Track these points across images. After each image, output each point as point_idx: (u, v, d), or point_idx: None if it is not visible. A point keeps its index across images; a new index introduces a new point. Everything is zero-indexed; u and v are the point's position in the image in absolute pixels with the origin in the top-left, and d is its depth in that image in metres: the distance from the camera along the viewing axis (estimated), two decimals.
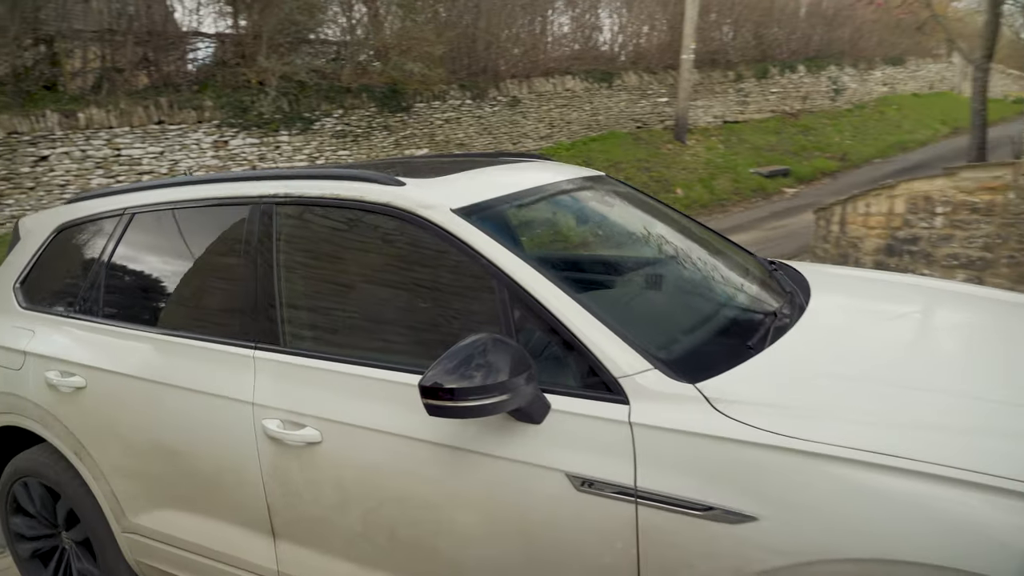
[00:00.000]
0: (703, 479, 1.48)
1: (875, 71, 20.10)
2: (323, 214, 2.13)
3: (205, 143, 9.65)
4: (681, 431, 1.52)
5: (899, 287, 2.51)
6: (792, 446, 1.42)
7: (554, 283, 1.74)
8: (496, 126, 12.56)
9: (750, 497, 1.43)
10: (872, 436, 1.41)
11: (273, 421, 1.99)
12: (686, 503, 1.49)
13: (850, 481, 1.37)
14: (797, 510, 1.40)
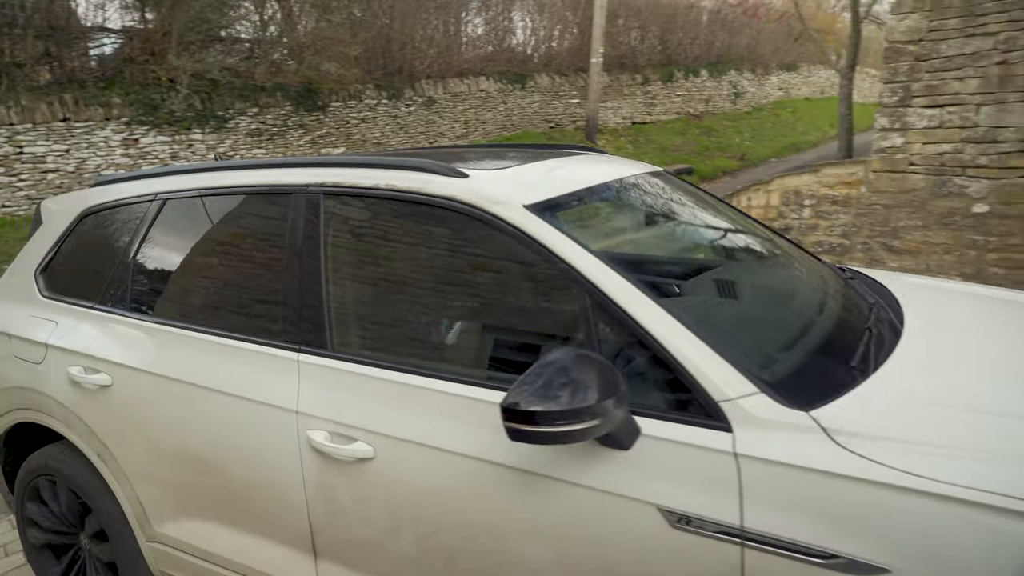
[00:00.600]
0: (825, 522, 1.30)
1: (771, 76, 21.37)
2: (378, 206, 1.94)
3: (114, 141, 9.49)
4: (798, 466, 1.33)
5: (978, 298, 2.27)
6: (931, 489, 1.25)
7: (642, 291, 1.55)
8: (412, 125, 12.80)
9: (882, 545, 1.26)
10: (1013, 477, 1.25)
11: (319, 433, 1.80)
12: (804, 549, 1.31)
13: (994, 528, 1.21)
14: (939, 563, 1.23)
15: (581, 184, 1.95)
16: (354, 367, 1.81)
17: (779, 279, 2.11)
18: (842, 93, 7.65)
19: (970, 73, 5.04)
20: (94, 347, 2.27)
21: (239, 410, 1.95)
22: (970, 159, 5.13)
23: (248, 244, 2.16)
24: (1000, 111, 4.94)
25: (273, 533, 1.98)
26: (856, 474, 1.29)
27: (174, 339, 2.14)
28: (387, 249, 1.97)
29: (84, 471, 2.35)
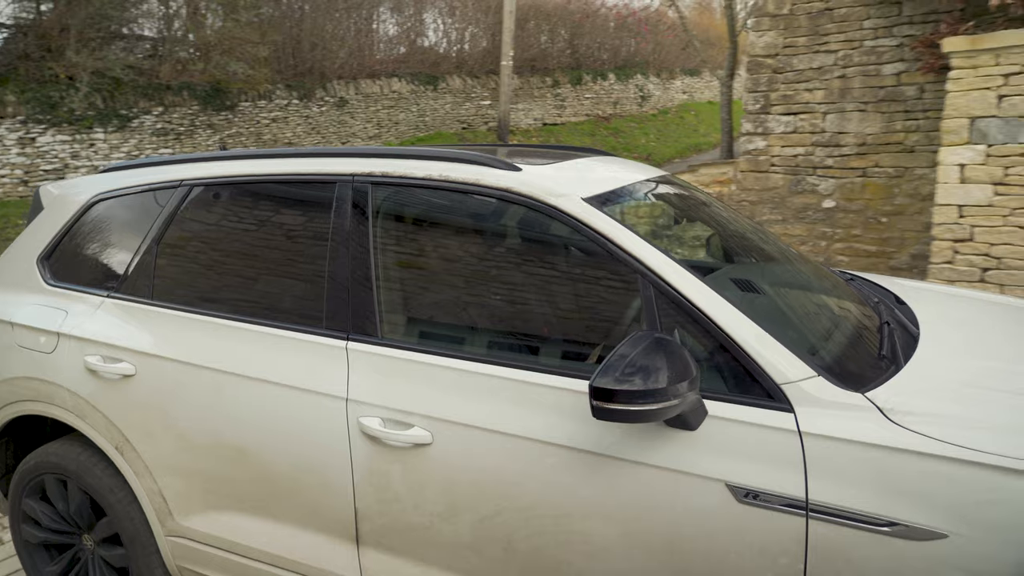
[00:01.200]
0: (884, 493, 1.40)
1: (676, 80, 22.34)
2: (430, 197, 1.96)
3: (9, 140, 9.22)
4: (858, 442, 1.43)
5: (970, 300, 2.43)
6: (982, 460, 1.36)
7: (704, 282, 1.64)
8: (324, 126, 12.87)
9: (939, 513, 1.36)
10: None
11: (373, 419, 1.82)
12: (866, 517, 1.40)
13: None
14: (992, 528, 1.33)
15: (620, 182, 2.02)
16: (407, 354, 1.84)
17: (798, 278, 2.19)
18: (723, 100, 8.35)
19: (817, 85, 5.72)
20: (114, 336, 2.21)
21: (281, 398, 1.94)
22: (819, 160, 5.82)
23: (287, 233, 2.12)
24: (841, 118, 5.64)
25: (311, 522, 1.96)
26: (912, 447, 1.40)
27: (207, 327, 2.10)
28: (440, 238, 1.99)
29: (95, 465, 2.28)
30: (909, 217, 5.50)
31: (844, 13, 5.50)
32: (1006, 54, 4.01)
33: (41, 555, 2.51)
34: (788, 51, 5.79)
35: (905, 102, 5.44)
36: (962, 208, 4.34)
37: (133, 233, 2.33)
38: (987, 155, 4.19)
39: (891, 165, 5.58)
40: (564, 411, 1.65)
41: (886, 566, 1.39)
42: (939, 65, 4.64)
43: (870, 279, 2.52)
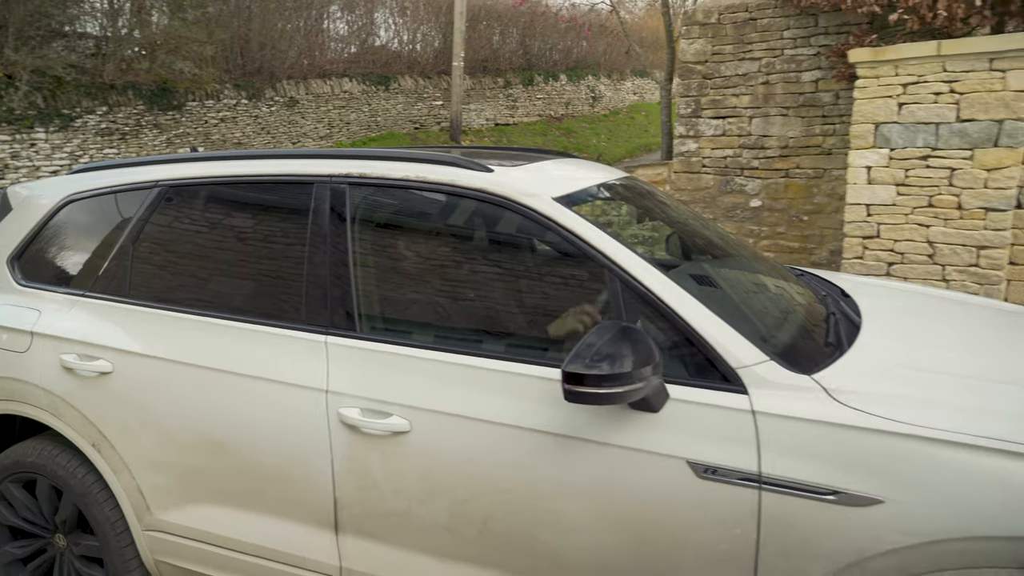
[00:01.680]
0: (828, 465, 1.52)
1: (626, 82, 22.73)
2: (406, 197, 2.05)
3: None
4: (806, 419, 1.56)
5: (907, 292, 2.61)
6: (915, 433, 1.49)
7: (666, 275, 1.76)
8: (274, 126, 12.83)
9: (877, 481, 1.49)
10: (981, 423, 1.50)
11: (352, 410, 1.91)
12: (813, 488, 1.53)
13: (970, 465, 1.44)
14: (923, 493, 1.46)
15: (586, 182, 2.14)
16: (385, 347, 1.92)
17: (749, 272, 2.31)
18: (662, 103, 8.65)
19: (743, 90, 6.04)
20: (91, 334, 2.25)
21: (262, 392, 2.01)
22: (746, 162, 6.14)
23: (263, 232, 2.17)
24: (765, 122, 5.97)
25: (292, 511, 2.03)
26: (853, 423, 1.53)
27: (184, 324, 2.16)
28: (416, 236, 2.06)
29: (70, 462, 2.32)
30: (827, 215, 5.85)
31: (766, 23, 5.83)
32: (904, 65, 4.34)
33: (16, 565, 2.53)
34: (716, 58, 6.10)
35: (822, 107, 5.78)
36: (869, 207, 4.67)
37: (107, 233, 2.36)
38: (890, 158, 4.52)
39: (811, 167, 5.92)
40: (535, 397, 1.76)
41: (830, 531, 1.51)
42: (850, 74, 4.98)
43: (819, 274, 2.69)
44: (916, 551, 1.45)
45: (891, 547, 1.47)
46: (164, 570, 2.30)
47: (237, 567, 2.15)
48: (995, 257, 4.32)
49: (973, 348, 1.96)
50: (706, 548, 1.62)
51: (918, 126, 4.39)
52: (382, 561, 1.95)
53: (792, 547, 1.55)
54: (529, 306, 1.90)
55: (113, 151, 10.63)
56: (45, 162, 9.88)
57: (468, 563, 1.86)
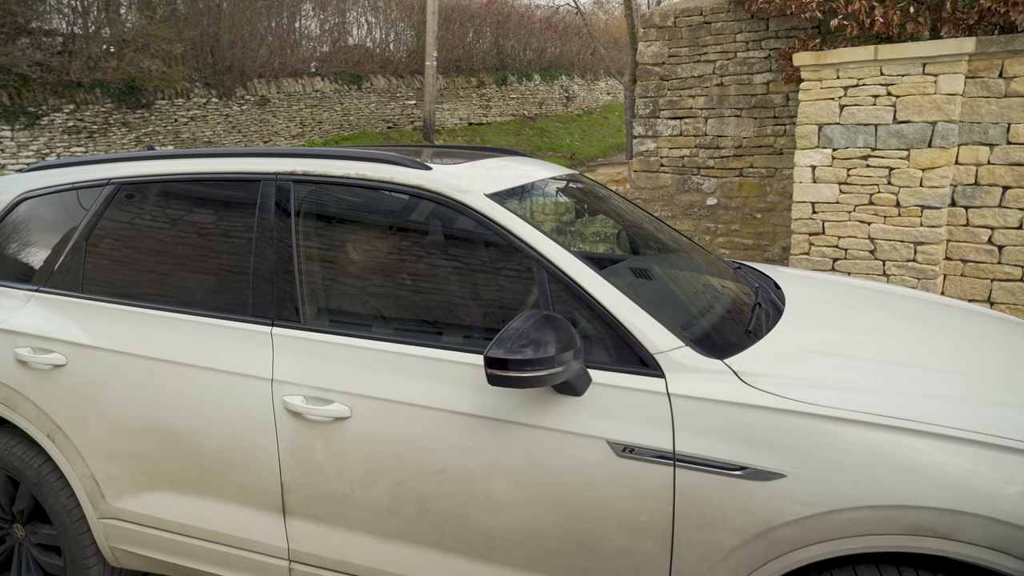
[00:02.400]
0: (736, 443, 1.63)
1: (600, 82, 22.93)
2: (347, 194, 2.12)
3: None
4: (716, 400, 1.67)
5: (841, 285, 2.73)
6: (813, 411, 1.61)
7: (590, 267, 1.85)
8: (245, 124, 12.82)
9: (779, 457, 1.59)
10: (874, 402, 1.62)
11: (296, 397, 1.99)
12: (722, 464, 1.63)
13: (860, 440, 1.56)
14: (819, 467, 1.56)
15: (524, 180, 2.24)
16: (327, 337, 2.01)
17: (684, 265, 2.41)
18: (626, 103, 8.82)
19: (699, 92, 6.21)
20: (44, 328, 2.32)
21: (210, 381, 2.09)
22: (702, 161, 6.32)
23: (212, 228, 2.23)
24: (720, 123, 6.15)
25: (240, 497, 2.11)
26: (758, 403, 1.64)
27: (136, 318, 2.23)
28: (356, 232, 2.11)
29: (26, 454, 2.38)
30: (779, 213, 6.05)
31: (720, 27, 6.01)
32: (844, 69, 4.53)
33: None
34: (673, 60, 6.27)
35: (774, 109, 5.98)
36: (815, 205, 4.86)
37: (61, 230, 2.43)
38: (833, 158, 4.71)
39: (764, 166, 6.12)
40: (466, 383, 1.86)
41: (739, 504, 1.62)
42: (797, 76, 5.16)
43: (757, 267, 2.84)
44: (814, 520, 1.55)
45: (792, 517, 1.57)
46: (120, 557, 2.37)
47: (190, 552, 2.22)
48: (931, 253, 4.53)
49: (886, 335, 2.07)
50: (626, 521, 1.72)
51: (858, 127, 4.58)
52: (328, 542, 2.04)
53: (706, 519, 1.65)
54: (461, 297, 1.98)
55: (81, 149, 10.58)
56: (11, 160, 9.82)
57: (408, 542, 1.95)
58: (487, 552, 1.88)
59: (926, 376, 1.77)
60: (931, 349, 1.98)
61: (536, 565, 1.84)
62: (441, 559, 1.93)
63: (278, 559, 2.12)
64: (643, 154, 6.55)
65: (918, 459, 1.53)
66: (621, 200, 2.76)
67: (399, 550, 1.97)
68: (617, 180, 6.63)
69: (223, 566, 2.20)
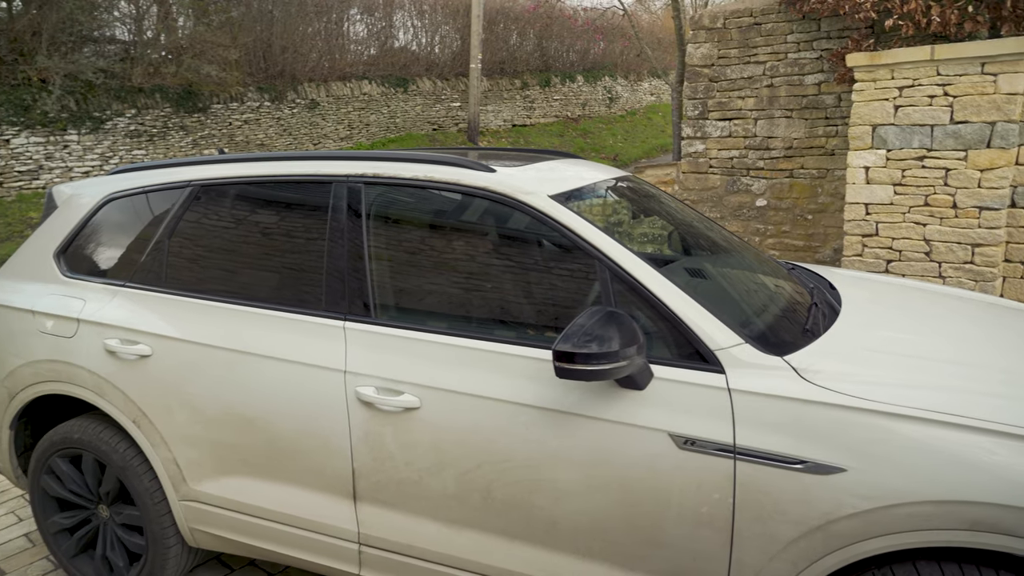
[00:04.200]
0: (797, 437, 1.66)
1: (643, 82, 22.79)
2: (417, 195, 2.21)
3: None
4: (776, 396, 1.71)
5: (897, 286, 2.73)
6: (874, 408, 1.64)
7: (651, 266, 1.91)
8: (296, 127, 13.14)
9: (839, 452, 1.62)
10: (935, 399, 1.64)
11: (368, 388, 2.08)
12: (782, 458, 1.67)
13: (922, 436, 1.58)
14: (880, 462, 1.59)
15: (582, 181, 2.30)
16: (398, 331, 2.10)
17: (739, 265, 2.44)
18: (673, 105, 8.79)
19: (748, 93, 6.19)
20: (132, 321, 2.46)
21: (286, 372, 2.20)
22: (752, 163, 6.29)
23: (288, 227, 2.33)
24: (770, 124, 6.12)
25: (314, 482, 2.22)
26: (818, 399, 1.68)
27: (216, 312, 2.36)
28: (424, 231, 2.19)
29: (113, 438, 2.53)
30: (831, 215, 5.99)
31: (770, 28, 5.98)
32: (899, 69, 4.49)
33: (65, 537, 2.77)
34: (722, 62, 6.26)
35: (825, 109, 5.92)
36: (868, 206, 4.81)
37: (144, 229, 2.58)
38: (887, 159, 4.67)
39: (814, 167, 6.07)
40: (533, 376, 1.92)
41: (798, 497, 1.65)
42: (850, 77, 5.12)
43: (810, 268, 2.88)
44: (874, 515, 1.57)
45: (852, 511, 1.59)
46: (198, 537, 2.49)
47: (265, 534, 2.33)
48: (989, 255, 4.46)
49: (945, 335, 2.08)
50: (687, 511, 1.76)
51: (914, 128, 4.53)
52: (396, 527, 2.12)
53: (765, 511, 1.69)
54: (526, 293, 2.03)
55: (141, 152, 10.99)
56: (77, 163, 10.27)
57: (473, 528, 2.02)
58: (549, 539, 1.94)
59: (986, 375, 1.78)
60: (991, 349, 1.99)
61: (597, 553, 1.89)
62: (505, 545, 2.00)
63: (348, 542, 2.21)
64: (692, 155, 6.55)
65: (980, 455, 1.53)
66: (673, 201, 2.79)
67: (464, 535, 2.04)
68: (665, 181, 6.64)
69: (296, 548, 2.30)
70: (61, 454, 2.70)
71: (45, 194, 9.78)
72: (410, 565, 2.14)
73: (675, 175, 6.54)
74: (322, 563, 2.28)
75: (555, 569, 1.95)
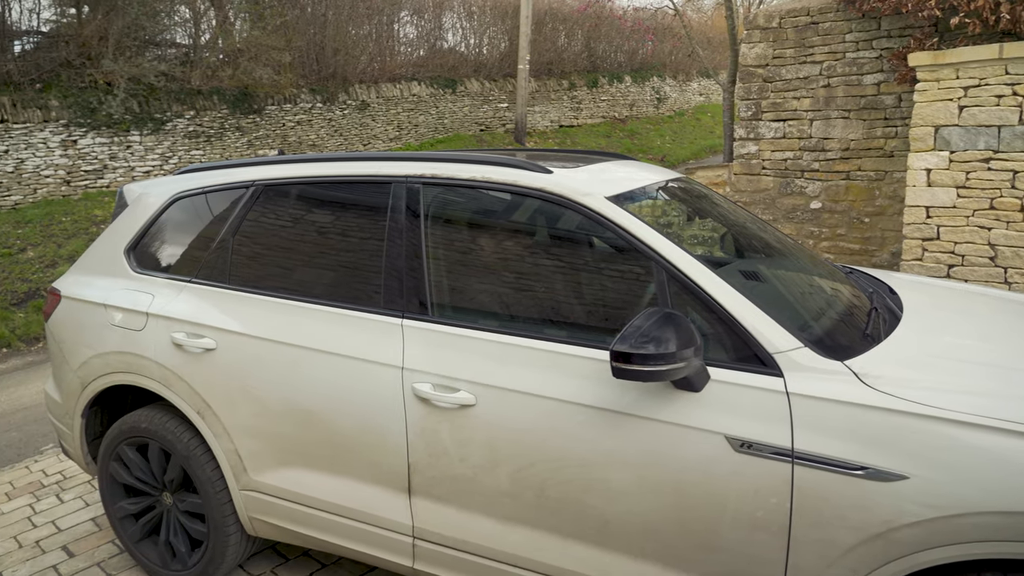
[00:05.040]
0: (857, 443, 1.63)
1: (692, 83, 22.51)
2: (474, 196, 2.23)
3: (53, 142, 9.84)
4: (836, 401, 1.68)
5: (960, 291, 2.68)
6: (938, 415, 1.59)
7: (709, 267, 1.89)
8: (347, 128, 13.37)
9: (901, 458, 1.59)
10: (1002, 407, 1.60)
11: (425, 384, 2.11)
12: (842, 463, 1.64)
13: (989, 445, 1.54)
14: (945, 470, 1.55)
15: (637, 183, 2.29)
16: (454, 329, 2.12)
17: (796, 268, 2.42)
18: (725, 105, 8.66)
19: (804, 93, 6.07)
20: (197, 315, 2.54)
21: (346, 367, 2.23)
22: (806, 164, 6.16)
23: (347, 226, 2.37)
24: (826, 125, 5.99)
25: (370, 475, 2.25)
26: (880, 404, 1.64)
27: (278, 308, 2.41)
28: (482, 230, 2.21)
29: (177, 428, 2.61)
30: (889, 217, 5.83)
31: (828, 27, 5.85)
32: (965, 68, 4.35)
33: (130, 521, 2.88)
34: (777, 62, 6.15)
35: (884, 110, 5.77)
36: (929, 209, 4.68)
37: (209, 227, 2.65)
38: (950, 161, 4.53)
39: (872, 169, 5.91)
40: (589, 376, 1.92)
41: (858, 503, 1.62)
42: (911, 76, 4.98)
43: (868, 272, 2.84)
44: (937, 524, 1.54)
45: (914, 519, 1.56)
46: (257, 526, 2.55)
47: (321, 524, 2.37)
48: None
49: (1011, 342, 2.02)
50: (743, 515, 1.74)
51: (979, 129, 4.38)
52: (450, 522, 2.13)
53: (824, 517, 1.66)
54: (581, 294, 2.02)
55: (199, 152, 11.33)
56: (139, 163, 10.64)
57: (526, 525, 2.03)
58: (602, 538, 1.94)
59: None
60: None
61: (650, 554, 1.89)
62: (558, 543, 2.00)
63: (402, 535, 2.24)
64: (744, 157, 6.45)
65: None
66: (726, 202, 2.77)
67: (517, 532, 2.05)
68: (716, 183, 6.56)
69: (351, 539, 2.34)
70: (129, 442, 2.79)
71: (110, 193, 10.17)
72: (463, 560, 2.15)
73: (726, 177, 6.46)
74: (376, 555, 2.31)
75: (607, 568, 1.95)
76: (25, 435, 4.67)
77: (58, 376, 3.01)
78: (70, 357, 2.89)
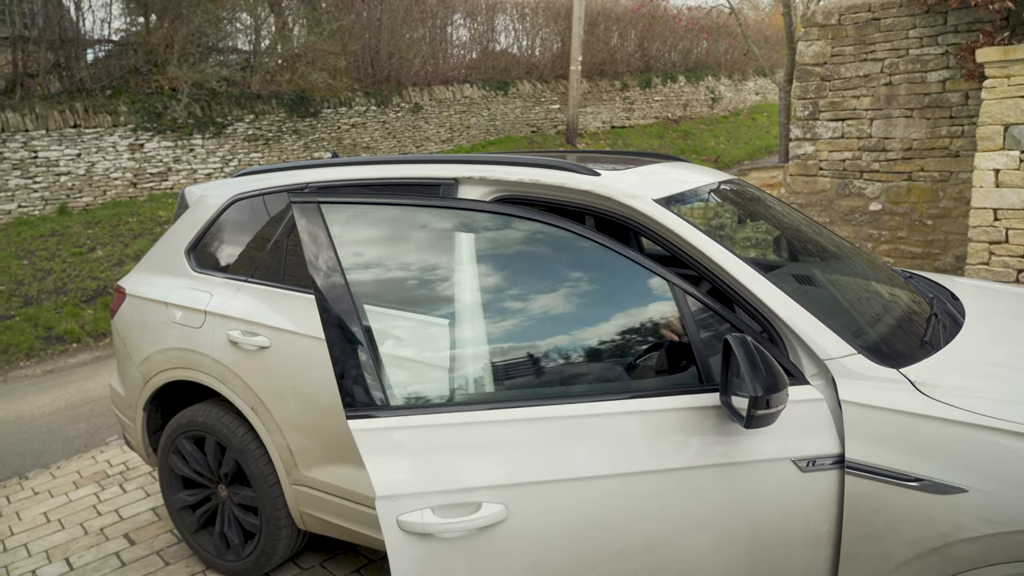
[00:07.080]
0: (913, 453, 1.58)
1: (748, 82, 22.09)
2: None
3: (121, 146, 10.27)
4: (891, 409, 1.62)
5: (1017, 295, 2.61)
6: (1000, 426, 1.52)
7: (757, 271, 1.81)
8: (400, 130, 13.57)
9: (960, 471, 1.53)
10: None
11: None
12: (897, 474, 1.58)
13: None
14: (1006, 484, 1.48)
15: (687, 185, 2.24)
16: None
17: (852, 272, 2.36)
18: (781, 104, 8.46)
19: (864, 92, 5.88)
20: (253, 314, 2.59)
21: None
22: (865, 165, 5.97)
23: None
24: (887, 124, 5.79)
25: None
26: (938, 414, 1.58)
27: None
28: None
29: (232, 423, 2.68)
30: (954, 220, 5.61)
31: (890, 23, 5.66)
32: None
33: (188, 513, 2.98)
34: (836, 60, 5.98)
35: (950, 108, 5.54)
36: (997, 211, 4.47)
37: (265, 228, 2.70)
38: (1020, 160, 4.32)
39: (936, 169, 5.69)
40: (641, 436, 1.71)
41: (913, 516, 1.56)
42: (980, 73, 4.77)
43: (929, 277, 2.75)
44: (997, 539, 1.48)
45: (973, 534, 1.50)
46: (307, 520, 2.60)
47: (368, 521, 2.39)
48: None
49: None
50: (810, 535, 1.68)
51: None
52: None
53: (877, 530, 1.61)
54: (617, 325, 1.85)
55: (258, 155, 11.66)
56: (201, 165, 11.01)
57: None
58: None
59: None
60: None
61: None
62: None
63: None
64: (800, 157, 6.30)
65: None
66: (779, 204, 2.70)
67: None
68: (771, 184, 6.42)
69: None
70: (187, 436, 2.88)
71: (173, 194, 10.55)
72: None
73: (781, 178, 6.31)
74: None
75: None
76: (92, 427, 4.89)
77: (122, 370, 3.13)
78: (133, 352, 3.00)
